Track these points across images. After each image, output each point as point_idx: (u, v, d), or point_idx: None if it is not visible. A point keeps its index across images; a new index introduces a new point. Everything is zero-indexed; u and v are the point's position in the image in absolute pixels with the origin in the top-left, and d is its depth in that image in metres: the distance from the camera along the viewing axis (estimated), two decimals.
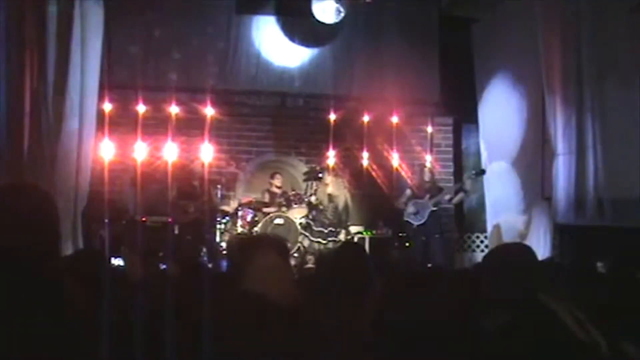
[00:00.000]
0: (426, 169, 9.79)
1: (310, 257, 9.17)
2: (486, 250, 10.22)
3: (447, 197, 9.45)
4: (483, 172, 9.54)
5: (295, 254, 9.32)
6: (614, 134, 8.74)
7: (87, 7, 8.69)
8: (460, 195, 9.46)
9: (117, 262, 4.69)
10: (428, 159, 10.48)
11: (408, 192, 9.55)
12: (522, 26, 9.49)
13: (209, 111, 10.28)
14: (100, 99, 9.13)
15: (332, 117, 10.30)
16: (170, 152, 9.73)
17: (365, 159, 10.33)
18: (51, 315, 2.07)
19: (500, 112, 10.07)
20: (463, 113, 11.05)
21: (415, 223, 9.18)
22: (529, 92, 9.52)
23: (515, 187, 9.62)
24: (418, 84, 10.61)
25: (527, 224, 9.30)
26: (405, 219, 9.30)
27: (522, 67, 9.56)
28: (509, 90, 9.90)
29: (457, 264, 9.97)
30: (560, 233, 8.99)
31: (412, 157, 10.55)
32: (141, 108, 10.07)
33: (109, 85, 9.74)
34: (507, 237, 9.55)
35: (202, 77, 10.37)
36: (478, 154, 10.55)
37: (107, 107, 9.69)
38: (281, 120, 10.71)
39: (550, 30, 9.01)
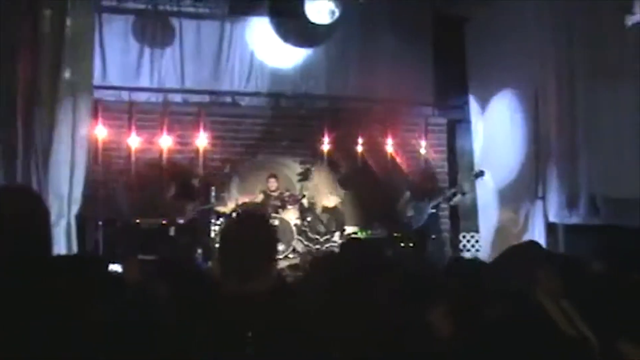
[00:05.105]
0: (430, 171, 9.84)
1: (302, 260, 9.15)
2: (481, 250, 10.22)
3: (444, 198, 9.44)
4: (482, 173, 9.50)
5: (290, 255, 9.31)
6: (607, 133, 8.75)
7: (80, 9, 8.63)
8: (458, 197, 9.45)
9: (115, 267, 4.66)
10: (423, 159, 10.49)
11: (407, 194, 9.53)
12: (514, 25, 9.47)
13: (203, 112, 10.31)
14: (93, 100, 9.08)
15: (326, 117, 10.29)
16: (166, 152, 9.81)
17: (359, 159, 10.33)
18: (44, 322, 2.04)
19: (494, 111, 10.06)
20: (456, 113, 11.03)
21: (415, 225, 9.16)
22: (522, 91, 9.50)
23: (509, 186, 9.61)
24: (412, 84, 10.57)
25: (521, 224, 9.29)
26: (404, 220, 9.28)
27: (515, 66, 9.53)
28: (502, 89, 9.88)
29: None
30: (554, 232, 8.99)
31: (407, 157, 10.54)
32: (135, 109, 10.07)
33: (103, 86, 9.71)
34: (500, 237, 9.52)
35: (195, 78, 10.32)
36: (472, 153, 10.53)
37: (101, 108, 9.69)
38: (275, 121, 10.64)
39: (543, 30, 9.02)
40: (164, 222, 9.01)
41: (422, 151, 10.69)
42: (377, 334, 2.67)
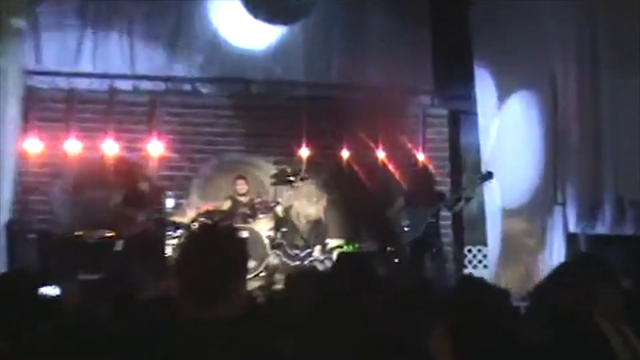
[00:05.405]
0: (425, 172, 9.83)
1: (279, 277, 9.13)
2: (489, 266, 10.25)
3: (445, 205, 9.44)
4: (490, 175, 9.51)
5: (262, 273, 9.27)
6: (635, 128, 8.80)
7: None
8: (462, 203, 9.47)
9: (50, 290, 4.62)
10: (420, 157, 10.51)
11: (401, 199, 9.54)
12: (528, 4, 9.52)
13: (157, 102, 10.25)
14: (25, 88, 8.99)
15: (306, 108, 10.26)
16: (112, 150, 9.74)
17: (346, 158, 10.31)
18: None
19: (504, 102, 10.09)
20: (460, 103, 11.07)
21: (410, 237, 9.15)
22: (537, 79, 9.53)
23: (522, 191, 9.64)
24: (408, 69, 10.61)
25: (537, 235, 9.33)
26: (399, 231, 9.26)
27: (529, 50, 9.58)
28: (513, 76, 9.91)
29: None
30: (576, 244, 9.03)
31: (402, 156, 10.55)
32: (75, 98, 9.98)
33: (36, 71, 9.63)
34: (512, 251, 9.55)
35: (147, 61, 10.28)
36: (478, 150, 10.56)
37: (34, 98, 9.59)
38: (244, 113, 10.64)
39: (562, 11, 9.06)
40: (109, 234, 8.95)
41: (419, 148, 10.70)
42: None
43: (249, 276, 8.59)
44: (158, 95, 10.33)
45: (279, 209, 9.78)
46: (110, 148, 9.80)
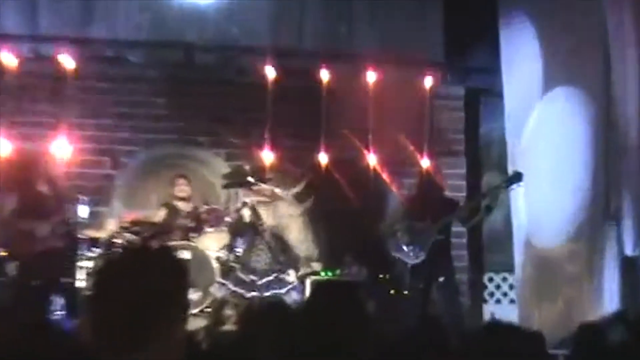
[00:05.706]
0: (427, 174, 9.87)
1: (231, 313, 9.12)
2: (516, 301, 10.28)
3: (458, 217, 9.45)
4: (519, 177, 9.53)
5: (208, 308, 9.25)
6: None
7: None
8: (481, 215, 9.49)
9: None
10: (424, 152, 10.53)
11: (399, 210, 9.54)
12: None
13: (68, 74, 10.18)
14: None
15: (271, 83, 10.24)
16: (3, 140, 9.66)
17: (325, 153, 10.30)
18: None
19: (538, 81, 10.15)
20: (481, 79, 11.16)
21: (410, 261, 9.17)
22: (582, 52, 9.61)
23: (563, 202, 9.69)
24: (411, 35, 10.67)
25: (582, 259, 9.39)
26: (395, 253, 9.28)
27: (572, 13, 9.65)
28: (553, 49, 9.98)
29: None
30: (633, 271, 9.09)
31: (402, 151, 10.55)
32: None
33: None
34: (548, 280, 9.60)
35: (55, 19, 10.31)
36: (504, 143, 10.62)
37: None
38: (186, 89, 10.65)
39: None
40: (3, 253, 8.90)
41: (425, 140, 10.71)
42: None
43: (190, 312, 8.61)
44: (69, 63, 10.26)
45: (246, 212, 9.66)
46: (1, 136, 9.71)
